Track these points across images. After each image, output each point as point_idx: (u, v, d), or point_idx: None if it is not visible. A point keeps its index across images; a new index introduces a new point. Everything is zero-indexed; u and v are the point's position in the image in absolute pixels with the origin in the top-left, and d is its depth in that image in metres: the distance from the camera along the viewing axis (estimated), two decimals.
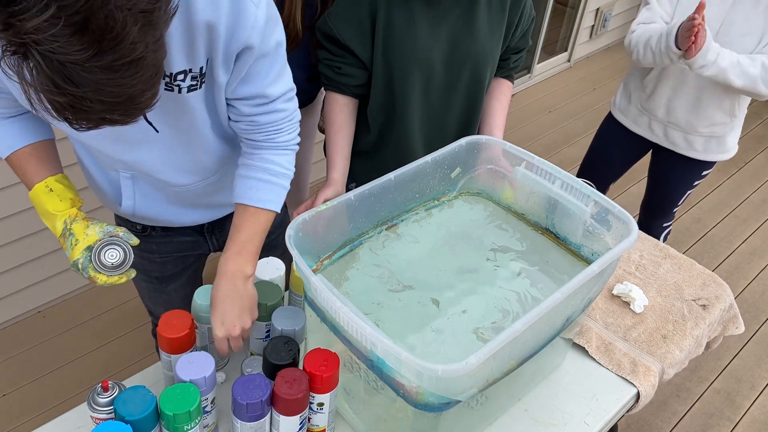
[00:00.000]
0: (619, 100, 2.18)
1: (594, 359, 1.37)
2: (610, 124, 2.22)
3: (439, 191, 1.36)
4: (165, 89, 0.98)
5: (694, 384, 2.39)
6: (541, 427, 1.22)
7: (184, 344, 1.08)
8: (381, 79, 1.48)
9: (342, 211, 1.18)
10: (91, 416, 1.01)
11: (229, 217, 1.43)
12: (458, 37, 1.45)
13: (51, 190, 1.09)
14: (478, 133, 1.66)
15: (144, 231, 1.37)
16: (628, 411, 1.36)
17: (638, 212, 2.45)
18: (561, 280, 1.21)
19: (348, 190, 1.77)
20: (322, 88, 1.58)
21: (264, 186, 1.14)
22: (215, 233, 1.43)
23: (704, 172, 2.13)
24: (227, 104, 1.11)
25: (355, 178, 1.76)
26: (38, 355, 2.28)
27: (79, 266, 1.07)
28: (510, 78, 1.68)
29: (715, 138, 2.01)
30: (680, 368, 1.46)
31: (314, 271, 1.18)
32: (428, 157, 1.27)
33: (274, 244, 1.55)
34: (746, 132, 3.89)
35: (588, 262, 1.25)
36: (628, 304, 1.51)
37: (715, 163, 2.11)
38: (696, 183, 2.16)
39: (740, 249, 3.04)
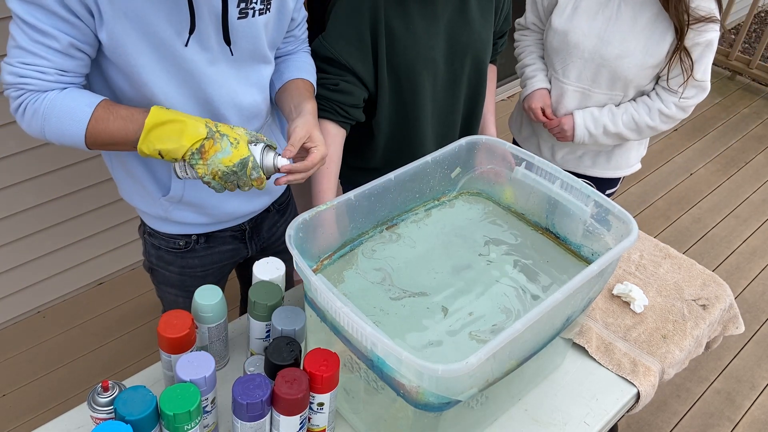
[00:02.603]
0: (516, 116, 2.02)
1: (594, 359, 1.37)
2: (514, 144, 2.03)
3: (439, 191, 1.36)
4: (239, 18, 1.13)
5: (694, 384, 2.39)
6: (541, 427, 1.22)
7: (184, 344, 1.08)
8: (389, 90, 1.46)
9: (342, 211, 1.18)
10: (91, 416, 1.01)
11: (266, 219, 1.48)
12: (455, 30, 1.46)
13: (168, 109, 1.11)
14: None
15: (186, 246, 1.38)
16: (628, 411, 1.36)
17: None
18: (561, 280, 1.21)
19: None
20: None
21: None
22: (254, 238, 1.48)
23: (608, 191, 1.95)
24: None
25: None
26: (38, 355, 2.28)
27: (249, 164, 1.10)
28: (494, 62, 1.71)
29: (604, 154, 1.85)
30: (680, 368, 1.46)
31: (314, 272, 1.18)
32: (428, 157, 1.27)
33: (278, 249, 1.56)
34: (746, 132, 3.89)
35: (588, 262, 1.25)
36: (628, 304, 1.51)
37: (618, 180, 1.94)
38: None
39: (740, 249, 3.04)
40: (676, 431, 2.24)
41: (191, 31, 1.08)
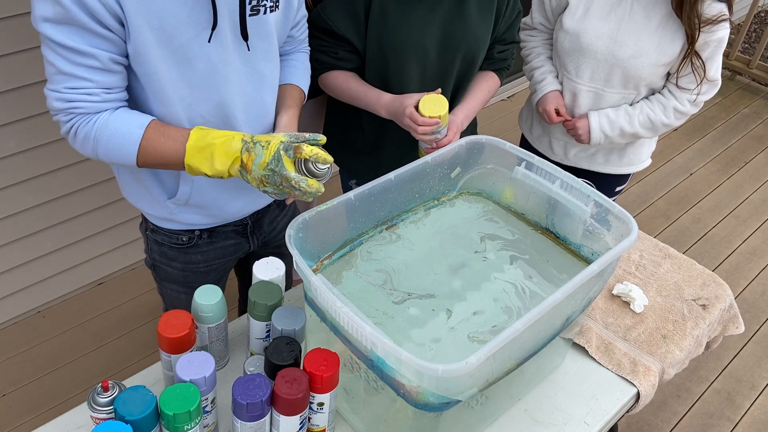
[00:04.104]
0: (525, 115, 2.01)
1: (594, 359, 1.37)
2: (524, 142, 2.04)
3: (439, 191, 1.36)
4: (250, 14, 1.14)
5: (694, 384, 2.39)
6: (541, 427, 1.22)
7: (184, 344, 1.08)
8: (376, 71, 1.50)
9: (342, 211, 1.18)
10: (91, 416, 1.01)
11: (266, 213, 1.49)
12: (451, 22, 1.47)
13: (207, 131, 1.14)
14: None
15: (190, 242, 1.39)
16: (628, 411, 1.36)
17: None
18: (561, 280, 1.21)
19: (349, 188, 1.79)
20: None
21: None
22: (256, 233, 1.49)
23: (618, 188, 1.97)
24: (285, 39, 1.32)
25: (356, 176, 1.77)
26: (38, 355, 2.28)
27: (281, 151, 1.07)
28: (499, 72, 1.68)
29: (616, 151, 1.86)
30: (680, 368, 1.46)
31: (314, 271, 1.18)
32: (428, 157, 1.27)
33: (278, 243, 1.57)
34: (746, 132, 3.89)
35: (588, 262, 1.25)
36: (628, 304, 1.51)
37: (628, 177, 1.95)
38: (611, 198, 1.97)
39: (740, 249, 3.04)
40: (676, 431, 2.24)
41: (214, 27, 1.10)
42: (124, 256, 2.54)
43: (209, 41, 1.11)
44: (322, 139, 1.12)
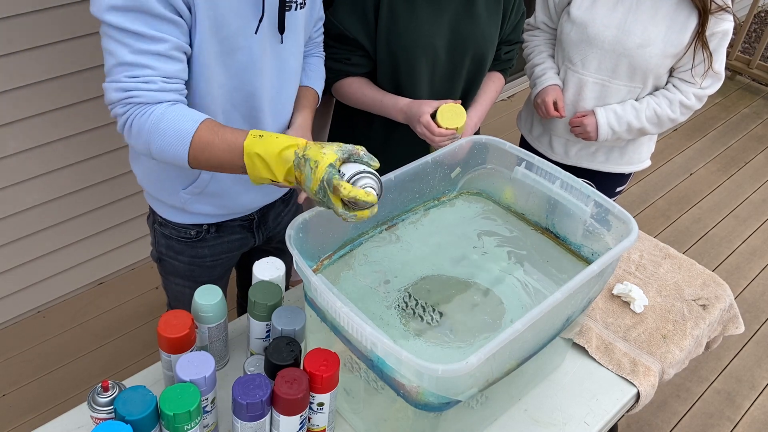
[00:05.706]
0: (525, 115, 2.01)
1: (594, 359, 1.37)
2: (523, 143, 2.03)
3: (440, 191, 1.36)
4: (285, 9, 1.17)
5: (694, 384, 2.39)
6: (541, 427, 1.22)
7: (184, 344, 1.08)
8: (387, 72, 1.50)
9: None
10: (91, 416, 1.01)
11: (272, 209, 1.50)
12: (459, 22, 1.47)
13: (261, 136, 1.03)
14: None
15: (197, 236, 1.40)
16: (628, 411, 1.36)
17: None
18: (561, 280, 1.21)
19: None
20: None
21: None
22: (261, 228, 1.50)
23: (618, 188, 1.97)
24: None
25: None
26: (38, 355, 2.28)
27: (325, 184, 0.96)
28: (503, 72, 1.69)
29: (617, 149, 1.86)
30: (680, 368, 1.46)
31: (314, 271, 1.18)
32: (428, 157, 1.27)
33: (282, 239, 1.57)
34: (746, 132, 3.89)
35: (588, 262, 1.25)
36: (628, 304, 1.51)
37: (628, 177, 1.95)
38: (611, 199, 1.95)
39: (740, 249, 3.04)
40: (676, 431, 2.24)
41: (261, 19, 1.13)
42: (124, 256, 2.54)
43: (256, 32, 1.14)
44: (376, 164, 1.03)
